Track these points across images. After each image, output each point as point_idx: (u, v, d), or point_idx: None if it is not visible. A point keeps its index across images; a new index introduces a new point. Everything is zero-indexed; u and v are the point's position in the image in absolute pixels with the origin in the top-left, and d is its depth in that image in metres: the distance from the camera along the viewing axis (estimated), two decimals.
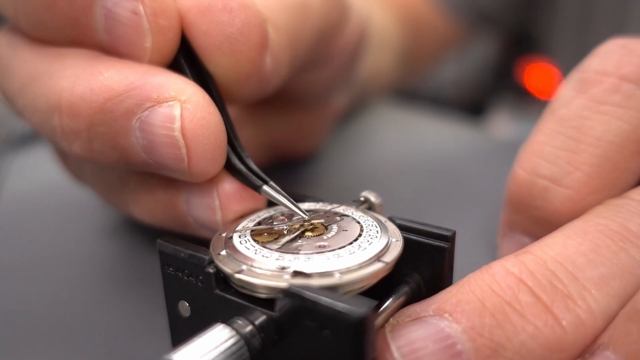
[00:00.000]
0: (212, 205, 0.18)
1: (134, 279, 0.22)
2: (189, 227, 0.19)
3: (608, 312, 0.15)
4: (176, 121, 0.16)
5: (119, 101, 0.16)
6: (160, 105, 0.16)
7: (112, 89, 0.17)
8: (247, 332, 0.14)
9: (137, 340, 0.19)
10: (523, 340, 0.14)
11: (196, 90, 0.17)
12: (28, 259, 0.24)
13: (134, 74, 0.17)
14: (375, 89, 0.43)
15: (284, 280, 0.14)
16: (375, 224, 0.17)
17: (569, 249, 0.15)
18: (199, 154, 0.17)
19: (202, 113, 0.17)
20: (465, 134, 0.38)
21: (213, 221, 0.18)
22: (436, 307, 0.15)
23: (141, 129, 0.17)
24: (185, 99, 0.16)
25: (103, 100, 0.17)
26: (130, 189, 0.20)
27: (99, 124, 0.17)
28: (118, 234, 0.26)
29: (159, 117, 0.16)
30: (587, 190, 0.18)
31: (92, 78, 0.17)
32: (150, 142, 0.17)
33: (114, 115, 0.17)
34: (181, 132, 0.16)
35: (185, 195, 0.19)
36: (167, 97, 0.16)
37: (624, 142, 0.18)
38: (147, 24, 0.17)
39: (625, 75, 0.18)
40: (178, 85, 0.17)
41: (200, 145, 0.17)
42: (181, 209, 0.19)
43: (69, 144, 0.18)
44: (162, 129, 0.16)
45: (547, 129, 0.20)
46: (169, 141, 0.16)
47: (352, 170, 0.32)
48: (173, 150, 0.17)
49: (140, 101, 0.16)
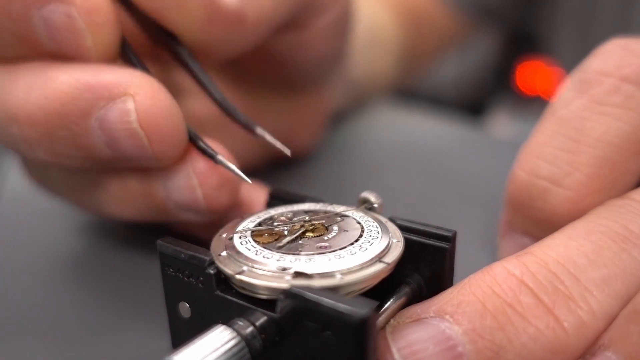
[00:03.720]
0: (191, 184, 0.19)
1: (134, 280, 0.22)
2: (170, 213, 0.20)
3: (609, 313, 0.15)
4: (132, 114, 0.17)
5: (74, 104, 0.17)
6: (114, 102, 0.17)
7: (65, 93, 0.17)
8: (248, 333, 0.14)
9: (137, 342, 0.19)
10: (524, 342, 0.14)
11: (143, 79, 0.18)
12: (28, 259, 0.24)
13: (84, 75, 0.17)
14: (374, 89, 0.43)
15: (285, 281, 0.14)
16: (376, 224, 0.17)
17: (571, 250, 0.15)
18: (159, 138, 0.18)
19: (152, 100, 0.17)
20: (465, 134, 0.38)
21: (194, 200, 0.19)
22: (437, 309, 0.15)
23: (101, 127, 0.17)
24: (135, 91, 0.17)
25: (58, 105, 0.17)
26: (103, 188, 0.20)
27: (59, 129, 0.18)
28: (118, 234, 0.26)
29: (115, 114, 0.17)
30: (587, 192, 0.18)
31: (45, 85, 0.17)
32: (112, 138, 0.18)
33: (71, 118, 0.17)
34: (139, 124, 0.17)
35: (161, 182, 0.19)
36: (118, 92, 0.17)
37: (624, 143, 0.18)
38: (83, 24, 0.17)
39: (626, 76, 0.18)
40: (126, 79, 0.17)
41: (159, 130, 0.17)
42: (160, 197, 0.19)
43: (32, 151, 0.19)
44: (120, 124, 0.17)
45: (547, 130, 0.20)
46: (129, 134, 0.17)
47: (352, 170, 0.32)
48: (135, 141, 0.17)
49: (94, 101, 0.17)
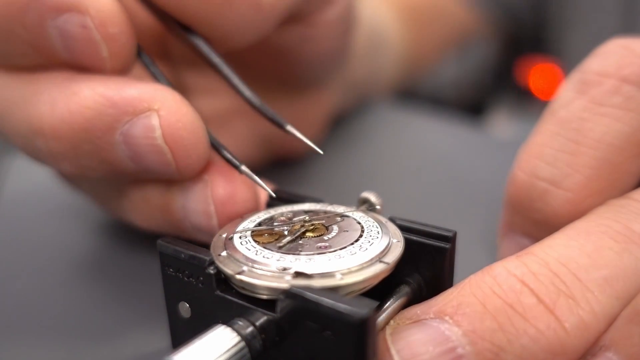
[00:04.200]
0: (208, 211, 0.19)
1: (134, 280, 0.22)
2: (186, 232, 0.20)
3: (610, 314, 0.14)
4: (156, 130, 0.17)
5: (99, 120, 0.17)
6: (138, 117, 0.17)
7: (89, 108, 0.17)
8: (248, 333, 0.14)
9: (137, 342, 0.19)
10: (525, 343, 0.14)
11: (167, 94, 0.18)
12: (28, 259, 0.24)
13: (107, 90, 0.17)
14: (376, 89, 0.43)
15: (285, 281, 0.14)
16: (376, 224, 0.17)
17: (572, 250, 0.15)
18: (184, 154, 0.18)
19: (177, 116, 0.17)
20: (465, 134, 0.38)
21: (209, 226, 0.19)
22: (437, 310, 0.15)
23: (125, 142, 0.17)
24: (159, 107, 0.17)
25: (83, 121, 0.17)
26: (127, 197, 0.21)
27: (84, 143, 0.18)
28: (118, 234, 0.26)
29: (139, 129, 0.17)
30: (586, 193, 0.18)
31: (69, 100, 0.18)
32: (135, 152, 0.18)
33: (96, 133, 0.17)
34: (163, 139, 0.17)
35: (181, 201, 0.19)
36: (142, 108, 0.17)
37: (624, 144, 0.18)
38: (98, 34, 0.17)
39: (626, 77, 0.18)
40: (149, 94, 0.17)
41: (183, 146, 0.17)
42: (178, 216, 0.20)
43: (57, 163, 0.19)
44: (145, 139, 0.17)
45: (547, 131, 0.20)
46: (153, 149, 0.17)
47: (352, 170, 0.32)
48: (160, 156, 0.18)
49: (118, 117, 0.17)
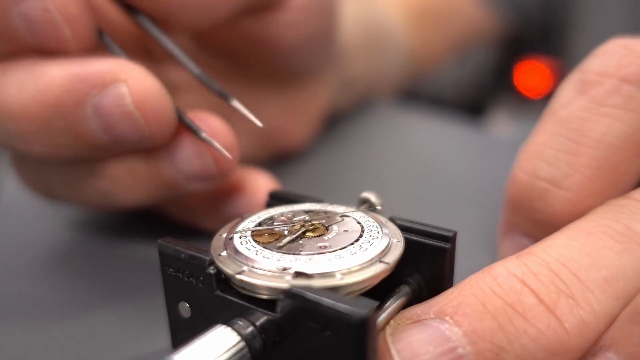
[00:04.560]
0: (201, 151, 0.20)
1: (134, 280, 0.22)
2: (180, 187, 0.21)
3: (611, 314, 0.14)
4: (126, 98, 0.18)
5: (68, 95, 0.18)
6: (108, 89, 0.18)
7: (58, 85, 0.18)
8: (248, 333, 0.14)
9: (137, 342, 0.19)
10: (525, 343, 0.14)
11: (132, 66, 0.19)
12: (28, 259, 0.24)
13: (74, 66, 0.18)
14: (378, 88, 0.43)
15: (285, 281, 0.14)
16: (376, 224, 0.17)
17: (572, 250, 0.15)
18: (154, 118, 0.19)
19: (144, 84, 0.18)
20: (465, 134, 0.38)
21: (205, 166, 0.20)
22: (437, 310, 0.15)
23: (97, 114, 0.18)
24: (126, 77, 0.18)
25: (53, 97, 0.18)
26: (108, 176, 0.21)
27: (55, 120, 0.18)
28: (118, 234, 0.26)
29: (109, 99, 0.18)
30: (586, 193, 0.18)
31: (37, 79, 0.18)
32: (108, 123, 0.18)
33: (67, 108, 0.18)
34: (134, 106, 0.18)
35: (168, 158, 0.20)
36: (110, 79, 0.18)
37: (624, 144, 0.18)
38: (59, 15, 0.18)
39: (626, 77, 0.18)
40: (115, 67, 0.18)
41: (153, 111, 0.19)
42: (168, 173, 0.20)
43: (29, 145, 0.19)
44: (116, 107, 0.18)
45: (547, 131, 0.19)
46: (125, 117, 0.18)
47: (352, 170, 0.32)
48: (132, 123, 0.18)
49: (88, 90, 0.18)
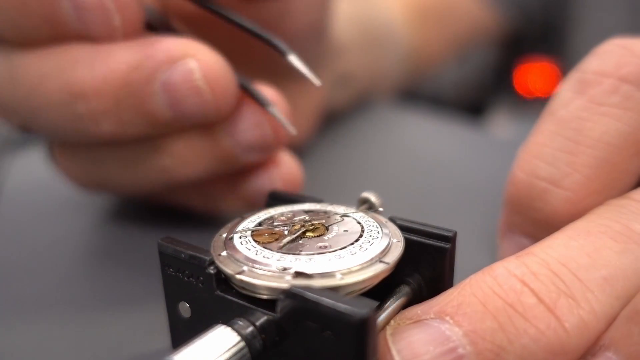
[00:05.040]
0: (259, 121, 0.21)
1: (134, 280, 0.22)
2: (237, 158, 0.21)
3: (610, 314, 0.14)
4: (196, 72, 0.19)
5: (139, 72, 0.19)
6: (176, 65, 0.19)
7: (129, 64, 0.19)
8: (248, 333, 0.14)
9: (137, 342, 0.19)
10: (525, 343, 0.14)
11: (198, 44, 0.19)
12: (28, 258, 0.24)
13: (140, 47, 0.19)
14: (379, 87, 0.43)
15: (285, 281, 0.14)
16: (376, 224, 0.17)
17: (572, 250, 0.15)
18: (222, 92, 0.19)
19: (213, 59, 0.19)
20: (465, 134, 0.38)
21: (263, 135, 0.21)
22: (437, 310, 0.15)
23: (165, 90, 0.19)
24: (194, 53, 0.19)
25: (124, 75, 0.19)
26: (166, 153, 0.21)
27: (125, 97, 0.19)
28: (118, 234, 0.26)
29: (179, 75, 0.19)
30: (586, 192, 0.18)
31: (107, 60, 0.19)
32: (175, 98, 0.19)
33: (137, 85, 0.19)
34: (204, 80, 0.19)
35: (226, 130, 0.21)
36: (179, 56, 0.19)
37: (623, 143, 0.18)
38: (112, 4, 0.19)
39: (625, 76, 0.18)
40: (182, 44, 0.19)
41: (221, 85, 0.19)
42: (226, 145, 0.21)
43: (97, 125, 0.20)
44: (185, 82, 0.19)
45: (546, 131, 0.20)
46: (194, 91, 0.19)
47: (352, 170, 0.32)
48: (200, 97, 0.19)
49: (157, 66, 0.19)
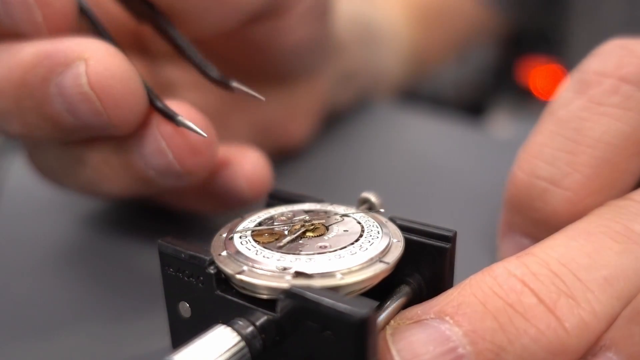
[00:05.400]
0: (161, 148, 0.19)
1: (134, 280, 0.22)
2: (153, 181, 0.20)
3: (611, 314, 0.14)
4: (82, 77, 0.18)
5: (35, 72, 0.18)
6: (69, 67, 0.18)
7: (27, 62, 0.18)
8: (248, 333, 0.14)
9: (137, 342, 0.19)
10: (525, 343, 0.14)
11: (98, 44, 0.18)
12: (28, 259, 0.24)
13: (44, 44, 0.18)
14: (380, 87, 0.43)
15: (285, 281, 0.14)
16: (376, 224, 0.17)
17: (572, 250, 0.15)
18: (113, 102, 0.18)
19: (105, 65, 0.18)
20: (465, 134, 0.38)
21: (168, 164, 0.19)
22: (437, 310, 0.15)
23: (59, 93, 0.18)
24: (88, 56, 0.18)
25: (22, 74, 0.18)
26: (87, 164, 0.21)
27: (25, 98, 0.18)
28: (118, 234, 0.26)
29: (69, 78, 0.18)
30: (586, 192, 0.18)
31: (9, 59, 0.19)
32: (69, 103, 0.18)
33: (33, 85, 0.18)
34: (89, 87, 0.18)
35: (136, 150, 0.20)
36: (73, 58, 0.18)
37: (623, 143, 0.18)
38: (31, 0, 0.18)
39: (625, 77, 0.18)
40: (81, 46, 0.18)
41: (112, 95, 0.18)
42: (139, 166, 0.20)
43: (8, 124, 0.20)
44: (74, 87, 0.18)
45: (546, 130, 0.20)
46: (82, 97, 0.18)
47: (352, 170, 0.32)
48: (89, 105, 0.18)
49: (52, 67, 0.18)
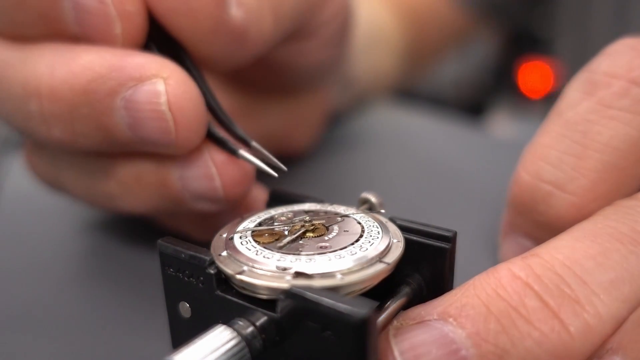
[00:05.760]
0: (209, 173, 0.19)
1: (134, 280, 0.22)
2: (184, 203, 0.20)
3: (617, 317, 0.14)
4: (162, 96, 0.17)
5: (102, 82, 0.17)
6: (144, 83, 0.17)
7: (94, 71, 0.17)
8: (248, 333, 0.14)
9: (137, 342, 0.19)
10: (529, 346, 0.14)
11: (175, 67, 0.18)
12: (28, 259, 0.24)
13: (113, 56, 0.17)
14: (376, 88, 0.43)
15: (285, 281, 0.14)
16: (377, 224, 0.17)
17: (578, 252, 0.15)
18: (185, 125, 0.18)
19: (184, 87, 0.18)
20: (465, 134, 0.38)
21: (212, 189, 0.19)
22: (440, 311, 0.14)
23: (126, 107, 0.17)
24: (167, 76, 0.17)
25: (85, 82, 0.17)
26: (115, 178, 0.20)
27: (82, 106, 0.18)
28: (118, 234, 0.26)
29: (143, 95, 0.17)
30: (591, 197, 0.18)
31: (72, 62, 0.18)
32: (136, 118, 0.17)
33: (97, 96, 0.17)
34: (168, 106, 0.17)
35: (177, 171, 0.19)
36: (149, 75, 0.17)
37: (631, 148, 0.18)
38: (114, 11, 0.17)
39: (635, 79, 0.18)
40: (158, 64, 0.18)
41: (187, 116, 0.18)
42: (175, 186, 0.19)
43: (48, 128, 0.18)
44: (148, 104, 0.17)
45: (553, 132, 0.19)
46: (156, 116, 0.17)
47: (353, 170, 0.32)
48: (161, 123, 0.17)
49: (123, 81, 0.17)
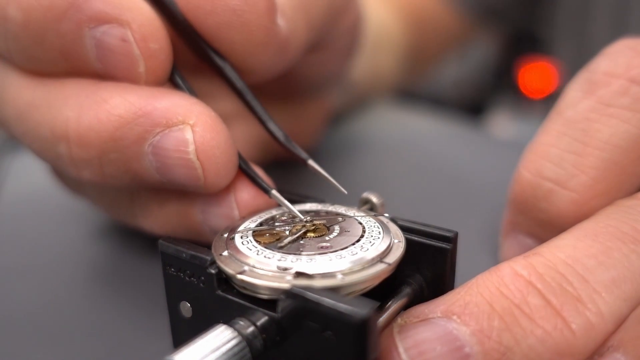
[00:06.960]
0: (231, 215, 0.18)
1: (135, 280, 0.22)
2: (204, 235, 0.19)
3: (618, 315, 0.14)
4: (190, 145, 0.17)
5: (129, 129, 0.17)
6: (171, 130, 0.17)
7: (121, 118, 0.17)
8: (249, 333, 0.14)
9: (138, 342, 0.19)
10: (532, 344, 0.14)
11: (202, 109, 0.17)
12: (28, 259, 0.24)
13: (139, 99, 0.17)
14: (377, 89, 0.43)
15: (286, 281, 0.14)
16: (378, 224, 0.17)
17: (579, 251, 0.15)
18: (214, 171, 0.17)
19: (212, 133, 0.17)
20: (466, 134, 0.38)
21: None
22: (444, 309, 0.15)
23: (154, 153, 0.17)
24: (194, 122, 0.17)
25: (112, 129, 0.17)
26: (140, 204, 0.20)
27: (110, 152, 0.17)
28: (119, 234, 0.26)
29: (171, 142, 0.17)
30: (592, 194, 0.18)
31: (98, 107, 0.17)
32: (164, 165, 0.17)
33: (124, 142, 0.17)
34: (196, 155, 0.17)
35: (200, 206, 0.19)
36: (176, 121, 0.17)
37: (631, 145, 0.18)
38: (138, 49, 0.17)
39: (634, 78, 0.18)
40: (184, 108, 0.17)
41: (215, 164, 0.17)
42: (196, 220, 0.19)
43: (77, 170, 0.18)
44: (176, 152, 0.17)
45: (553, 131, 0.19)
46: (184, 163, 0.17)
47: (353, 170, 0.32)
48: (189, 171, 0.17)
49: (150, 127, 0.17)
